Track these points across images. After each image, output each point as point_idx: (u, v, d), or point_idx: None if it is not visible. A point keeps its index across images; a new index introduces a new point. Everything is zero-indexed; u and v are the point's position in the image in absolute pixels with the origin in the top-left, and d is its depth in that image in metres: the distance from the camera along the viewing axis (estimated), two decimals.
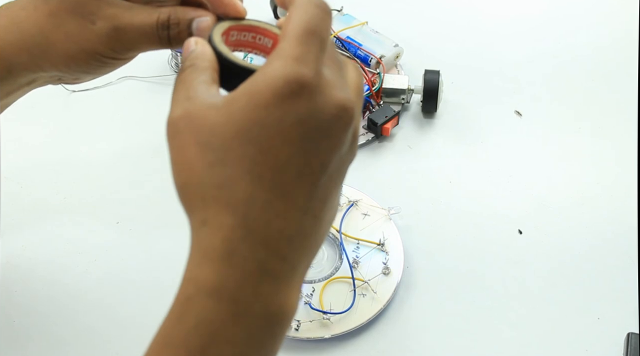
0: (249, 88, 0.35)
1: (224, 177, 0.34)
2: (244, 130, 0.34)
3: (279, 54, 0.35)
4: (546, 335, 0.58)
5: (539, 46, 0.79)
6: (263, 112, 0.34)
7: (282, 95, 0.34)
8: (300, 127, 0.35)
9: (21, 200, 0.66)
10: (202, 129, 0.35)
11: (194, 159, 0.35)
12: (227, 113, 0.35)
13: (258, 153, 0.34)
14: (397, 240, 0.62)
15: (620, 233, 0.63)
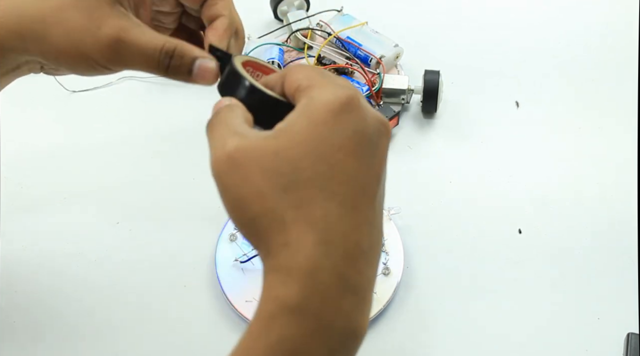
0: (305, 110, 0.37)
1: (300, 197, 0.35)
2: (311, 148, 0.36)
3: (314, 87, 0.38)
4: (546, 334, 0.58)
5: (539, 46, 0.79)
6: (324, 128, 0.36)
7: (337, 111, 0.36)
8: (357, 137, 0.36)
9: (21, 200, 0.66)
10: (266, 157, 0.36)
11: (264, 188, 0.36)
12: (287, 137, 0.36)
13: (328, 170, 0.36)
14: (397, 240, 0.62)
15: (621, 233, 0.64)
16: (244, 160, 0.36)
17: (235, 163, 0.36)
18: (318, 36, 0.76)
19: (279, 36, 0.77)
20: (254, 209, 0.36)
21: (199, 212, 0.65)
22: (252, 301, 0.58)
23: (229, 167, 0.36)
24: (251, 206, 0.36)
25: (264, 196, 0.36)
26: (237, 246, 0.61)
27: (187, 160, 0.69)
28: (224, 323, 0.58)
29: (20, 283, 0.60)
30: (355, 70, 0.72)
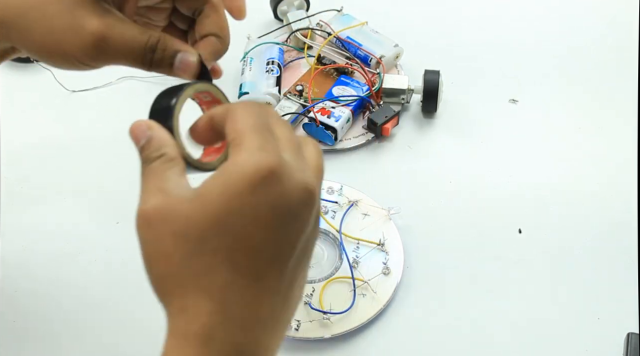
0: (221, 179, 0.36)
1: (202, 266, 0.36)
2: (220, 219, 0.36)
3: (242, 147, 0.37)
4: (546, 334, 0.58)
5: (539, 46, 0.79)
6: (237, 201, 0.36)
7: (254, 183, 0.36)
8: (273, 212, 0.36)
9: (21, 200, 0.66)
10: (177, 221, 0.36)
11: (171, 250, 0.36)
12: (201, 204, 0.36)
13: (234, 241, 0.36)
14: (397, 240, 0.62)
15: (621, 232, 0.64)
16: (159, 220, 0.37)
17: (151, 222, 0.37)
18: (318, 36, 0.76)
19: (279, 36, 0.77)
20: (160, 269, 0.37)
21: None
22: None
23: (146, 224, 0.37)
24: (159, 265, 0.37)
25: (170, 259, 0.36)
26: None
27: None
28: None
29: (20, 283, 0.60)
30: (355, 70, 0.72)
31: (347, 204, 0.64)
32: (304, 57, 0.74)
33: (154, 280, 0.38)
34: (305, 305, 0.58)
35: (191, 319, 0.36)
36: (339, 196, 0.65)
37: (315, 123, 0.68)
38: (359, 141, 0.70)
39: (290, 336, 0.56)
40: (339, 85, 0.71)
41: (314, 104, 0.69)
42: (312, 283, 0.59)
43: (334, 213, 0.64)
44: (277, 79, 0.71)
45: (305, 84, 0.72)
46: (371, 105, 0.70)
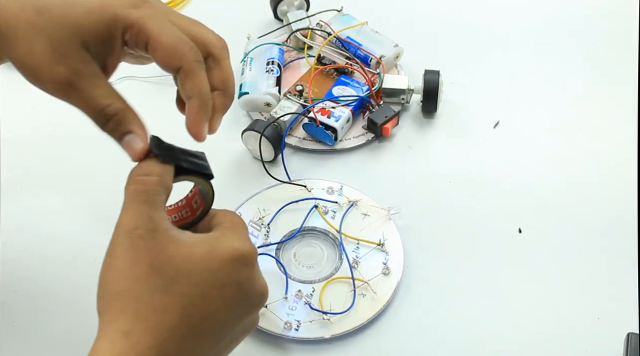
0: (213, 242, 0.42)
1: (162, 303, 0.40)
2: (197, 273, 0.41)
3: (235, 232, 0.44)
4: (546, 334, 0.58)
5: (540, 46, 0.79)
6: (217, 265, 0.41)
7: (235, 259, 0.42)
8: (237, 289, 0.42)
9: (21, 200, 0.66)
10: (159, 256, 0.40)
11: (142, 277, 0.40)
12: (187, 253, 0.41)
13: (198, 296, 0.40)
14: (397, 240, 0.62)
15: (621, 232, 0.64)
16: (143, 247, 0.40)
17: (136, 246, 0.40)
18: (318, 36, 0.76)
19: (279, 36, 0.77)
20: (120, 286, 0.40)
21: None
22: None
23: (129, 244, 0.40)
24: (122, 283, 0.40)
25: (136, 284, 0.40)
26: None
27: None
28: None
29: (20, 283, 0.60)
30: (355, 70, 0.72)
31: (347, 204, 0.64)
32: (304, 57, 0.74)
33: (109, 293, 0.40)
34: (305, 305, 0.58)
35: (131, 346, 0.39)
36: (339, 196, 0.65)
37: (315, 123, 0.68)
38: (359, 141, 0.70)
39: (290, 336, 0.56)
40: (339, 85, 0.71)
41: (314, 104, 0.69)
42: (312, 283, 0.59)
43: (334, 213, 0.64)
44: (277, 79, 0.71)
45: (305, 84, 0.72)
46: (371, 105, 0.70)
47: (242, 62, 0.73)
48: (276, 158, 0.68)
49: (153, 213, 0.41)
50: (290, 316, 0.57)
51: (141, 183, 0.42)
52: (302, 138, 0.70)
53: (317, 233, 0.63)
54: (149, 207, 0.41)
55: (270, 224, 0.63)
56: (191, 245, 0.41)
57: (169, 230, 0.41)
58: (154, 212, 0.41)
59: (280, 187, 0.65)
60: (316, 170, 0.68)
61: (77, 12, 0.42)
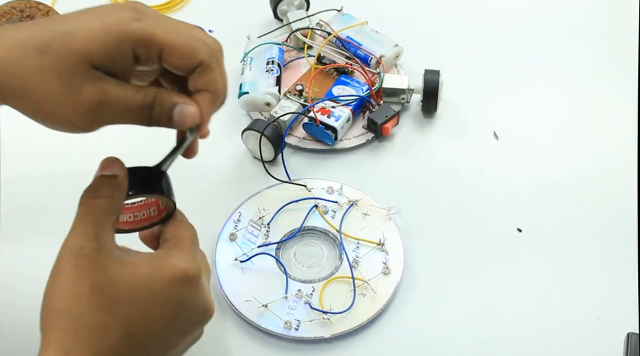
0: (156, 262, 0.43)
1: (102, 322, 0.40)
2: (138, 293, 0.41)
3: (180, 249, 0.45)
4: (546, 334, 0.58)
5: (540, 46, 0.79)
6: (159, 286, 0.42)
7: (179, 279, 0.43)
8: (180, 308, 0.43)
9: (21, 200, 0.66)
10: (102, 275, 0.41)
11: (83, 297, 0.40)
12: (130, 273, 0.42)
13: (139, 316, 0.41)
14: (397, 240, 0.62)
15: (621, 232, 0.64)
16: (85, 266, 0.41)
17: (78, 265, 0.41)
18: (318, 36, 0.76)
19: (279, 36, 0.77)
20: (61, 303, 0.40)
21: (198, 211, 0.65)
22: (252, 300, 0.58)
23: (72, 263, 0.41)
24: (63, 300, 0.41)
25: (77, 303, 0.40)
26: (237, 245, 0.61)
27: (186, 160, 0.69)
28: (223, 322, 0.58)
29: (21, 283, 0.60)
30: (355, 69, 0.72)
31: (347, 204, 0.64)
32: (304, 56, 0.74)
33: (51, 311, 0.41)
34: (305, 305, 0.58)
35: None
36: (339, 196, 0.65)
37: (315, 123, 0.68)
38: (359, 141, 0.70)
39: (290, 336, 0.56)
40: (339, 85, 0.71)
41: (314, 104, 0.69)
42: (312, 283, 0.59)
43: (334, 213, 0.64)
44: (277, 78, 0.71)
45: (305, 84, 0.72)
46: (371, 105, 0.70)
47: (242, 62, 0.73)
48: (276, 158, 0.68)
49: (99, 233, 0.42)
50: (290, 316, 0.57)
51: (91, 204, 0.43)
52: (302, 138, 0.70)
53: (317, 233, 0.63)
54: (95, 226, 0.42)
55: (270, 224, 0.63)
56: (134, 265, 0.42)
57: (114, 250, 0.42)
58: (101, 232, 0.42)
59: (280, 187, 0.65)
60: (316, 169, 0.68)
61: (80, 40, 0.41)
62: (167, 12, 0.81)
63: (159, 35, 0.42)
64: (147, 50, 0.43)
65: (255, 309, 0.57)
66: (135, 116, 0.44)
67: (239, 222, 0.63)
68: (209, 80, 0.44)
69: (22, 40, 0.41)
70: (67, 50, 0.41)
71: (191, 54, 0.43)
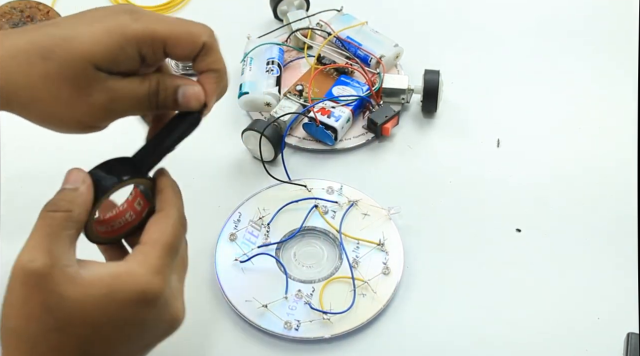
0: (111, 282, 0.40)
1: (57, 342, 0.39)
2: (92, 315, 0.39)
3: (144, 261, 0.41)
4: (546, 334, 0.58)
5: (540, 46, 0.79)
6: (115, 308, 0.40)
7: (136, 301, 0.40)
8: (141, 326, 0.41)
9: (21, 200, 0.66)
10: (53, 294, 0.39)
11: (34, 316, 0.39)
12: (83, 293, 0.39)
13: (96, 336, 0.40)
14: (397, 240, 0.62)
15: (620, 232, 0.64)
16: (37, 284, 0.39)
17: (28, 282, 0.39)
18: (318, 36, 0.76)
19: (279, 36, 0.77)
20: (15, 322, 0.39)
21: (198, 211, 0.65)
22: (252, 300, 0.58)
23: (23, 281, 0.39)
24: (17, 319, 0.39)
25: (29, 323, 0.39)
26: (237, 245, 0.61)
27: (186, 160, 0.69)
28: (223, 322, 0.58)
29: None
30: (355, 69, 0.72)
31: (347, 204, 0.64)
32: (304, 57, 0.74)
33: (6, 329, 0.40)
34: (305, 305, 0.58)
35: None
36: (339, 196, 0.65)
37: (315, 123, 0.68)
38: (359, 141, 0.70)
39: (290, 336, 0.56)
40: (339, 85, 0.71)
41: (314, 104, 0.69)
42: (312, 283, 0.59)
43: (334, 213, 0.64)
44: (277, 78, 0.71)
45: (305, 84, 0.72)
46: (371, 105, 0.70)
47: (242, 62, 0.73)
48: (276, 158, 0.68)
49: (54, 247, 0.40)
50: (290, 316, 0.57)
51: (47, 218, 0.41)
52: (302, 138, 0.70)
53: (317, 233, 0.63)
54: (50, 240, 0.40)
55: (270, 224, 0.63)
56: (88, 285, 0.40)
57: (68, 266, 0.40)
58: (55, 246, 0.40)
59: (280, 187, 0.65)
60: (316, 170, 0.68)
61: (83, 44, 0.42)
62: (167, 12, 0.81)
63: (160, 30, 0.43)
64: (151, 48, 0.43)
65: (255, 309, 0.57)
66: (143, 105, 0.44)
67: (239, 222, 0.63)
68: (212, 60, 0.45)
69: (23, 47, 0.42)
70: (71, 54, 0.41)
71: (194, 40, 0.44)
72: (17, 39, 0.42)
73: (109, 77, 0.42)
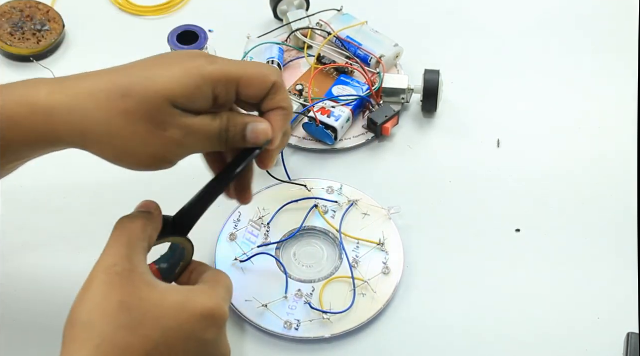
0: (187, 294, 0.44)
1: (125, 341, 0.40)
2: (165, 320, 0.42)
3: (213, 289, 0.45)
4: (546, 334, 0.58)
5: (540, 46, 0.79)
6: (185, 317, 0.42)
7: (205, 317, 0.43)
8: (201, 345, 0.43)
9: (21, 200, 0.66)
10: (132, 295, 0.41)
11: (110, 313, 0.41)
12: (160, 298, 0.42)
13: (162, 343, 0.41)
14: (397, 240, 0.62)
15: (620, 232, 0.64)
16: (118, 283, 0.41)
17: (111, 281, 0.42)
18: (318, 36, 0.76)
19: (279, 36, 0.77)
20: (89, 316, 0.41)
21: None
22: (252, 300, 0.58)
23: (108, 280, 0.42)
24: (92, 313, 0.41)
25: (104, 317, 0.41)
26: (237, 245, 0.61)
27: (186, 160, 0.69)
28: None
29: (20, 282, 0.60)
30: (355, 69, 0.72)
31: (347, 204, 0.64)
32: (304, 56, 0.74)
33: (76, 323, 0.41)
34: (305, 305, 0.58)
35: None
36: (339, 196, 0.65)
37: (315, 122, 0.68)
38: (359, 141, 0.70)
39: (290, 336, 0.56)
40: (339, 85, 0.71)
41: (314, 104, 0.69)
42: (312, 283, 0.59)
43: (334, 213, 0.64)
44: None
45: (305, 84, 0.72)
46: (371, 104, 0.70)
47: None
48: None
49: (132, 256, 0.43)
50: (290, 316, 0.57)
51: (126, 228, 0.45)
52: (302, 138, 0.70)
53: (317, 233, 0.63)
54: (129, 249, 0.43)
55: (270, 224, 0.63)
56: (164, 292, 0.43)
57: (146, 274, 0.43)
58: (134, 254, 0.43)
59: (280, 187, 0.65)
60: (316, 169, 0.68)
61: (162, 83, 0.44)
62: (167, 12, 0.81)
63: (234, 72, 0.46)
64: (225, 88, 0.46)
65: (255, 309, 0.57)
66: (214, 141, 0.47)
67: (239, 222, 0.63)
68: (281, 98, 0.48)
69: (104, 87, 0.44)
70: (150, 91, 0.43)
71: (265, 80, 0.47)
72: (97, 79, 0.44)
73: (184, 114, 0.45)
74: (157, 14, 0.81)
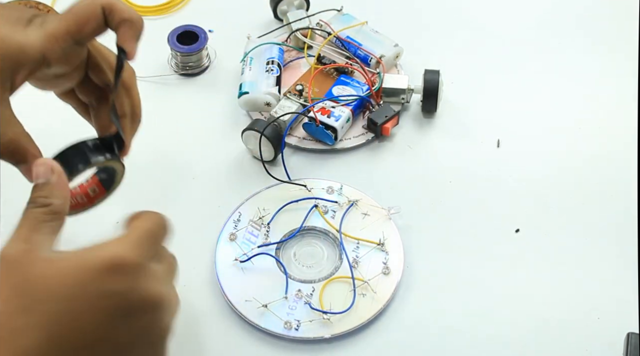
0: (86, 253, 0.39)
1: (21, 323, 0.37)
2: (63, 288, 0.37)
3: (120, 239, 0.40)
4: (546, 335, 0.58)
5: (540, 46, 0.79)
6: (87, 276, 0.38)
7: (107, 268, 0.38)
8: (117, 299, 0.38)
9: (21, 200, 0.65)
10: (25, 275, 0.38)
11: (4, 298, 0.37)
12: (53, 268, 0.38)
13: (64, 312, 0.37)
14: (397, 240, 0.62)
15: (620, 233, 0.64)
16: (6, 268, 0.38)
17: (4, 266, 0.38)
18: (318, 36, 0.76)
19: (279, 36, 0.77)
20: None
21: (198, 211, 0.65)
22: (252, 300, 0.58)
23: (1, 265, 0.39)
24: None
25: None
26: (237, 245, 0.61)
27: (187, 160, 0.69)
28: (223, 322, 0.58)
29: None
30: (355, 69, 0.72)
31: (347, 204, 0.64)
32: (304, 56, 0.74)
33: None
34: (305, 305, 0.58)
35: None
36: (339, 196, 0.65)
37: (315, 122, 0.68)
38: (359, 141, 0.70)
39: (290, 336, 0.56)
40: (339, 85, 0.71)
41: (314, 104, 0.69)
42: (312, 283, 0.59)
43: (334, 213, 0.64)
44: (277, 78, 0.71)
45: (305, 84, 0.72)
46: (371, 104, 0.70)
47: (242, 62, 0.73)
48: (276, 158, 0.68)
49: (32, 236, 0.41)
50: (290, 316, 0.57)
51: (29, 212, 0.43)
52: (302, 138, 0.70)
53: (317, 233, 0.63)
54: (28, 230, 0.41)
55: (270, 224, 0.63)
56: (58, 260, 0.39)
57: (45, 251, 0.40)
58: (33, 235, 0.41)
59: (280, 187, 0.65)
60: (316, 169, 0.68)
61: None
62: (167, 12, 0.81)
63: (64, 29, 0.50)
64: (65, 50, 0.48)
65: (255, 309, 0.57)
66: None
67: (239, 222, 0.63)
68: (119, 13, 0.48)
69: None
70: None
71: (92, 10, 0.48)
72: None
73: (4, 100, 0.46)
74: (157, 14, 0.81)
